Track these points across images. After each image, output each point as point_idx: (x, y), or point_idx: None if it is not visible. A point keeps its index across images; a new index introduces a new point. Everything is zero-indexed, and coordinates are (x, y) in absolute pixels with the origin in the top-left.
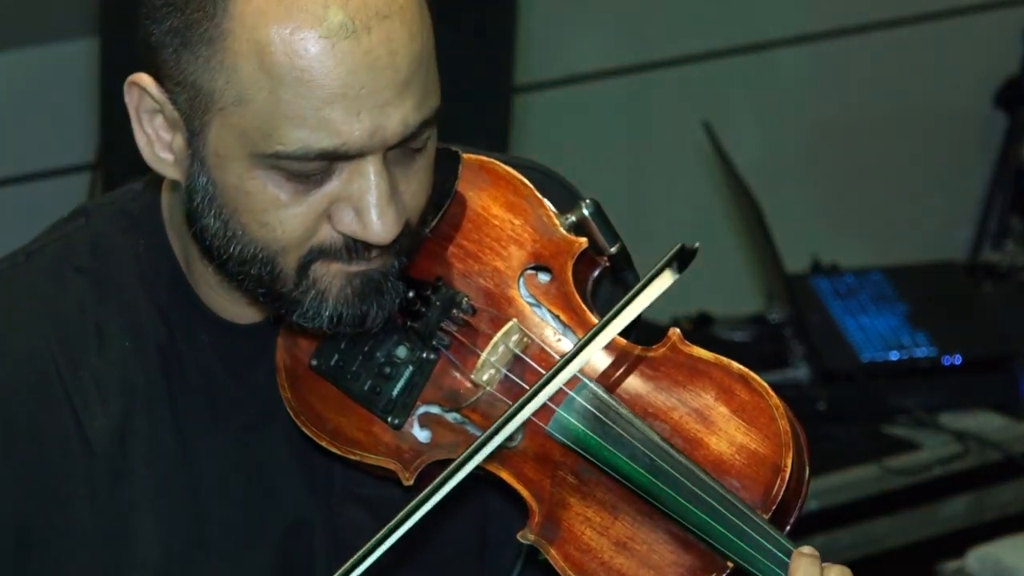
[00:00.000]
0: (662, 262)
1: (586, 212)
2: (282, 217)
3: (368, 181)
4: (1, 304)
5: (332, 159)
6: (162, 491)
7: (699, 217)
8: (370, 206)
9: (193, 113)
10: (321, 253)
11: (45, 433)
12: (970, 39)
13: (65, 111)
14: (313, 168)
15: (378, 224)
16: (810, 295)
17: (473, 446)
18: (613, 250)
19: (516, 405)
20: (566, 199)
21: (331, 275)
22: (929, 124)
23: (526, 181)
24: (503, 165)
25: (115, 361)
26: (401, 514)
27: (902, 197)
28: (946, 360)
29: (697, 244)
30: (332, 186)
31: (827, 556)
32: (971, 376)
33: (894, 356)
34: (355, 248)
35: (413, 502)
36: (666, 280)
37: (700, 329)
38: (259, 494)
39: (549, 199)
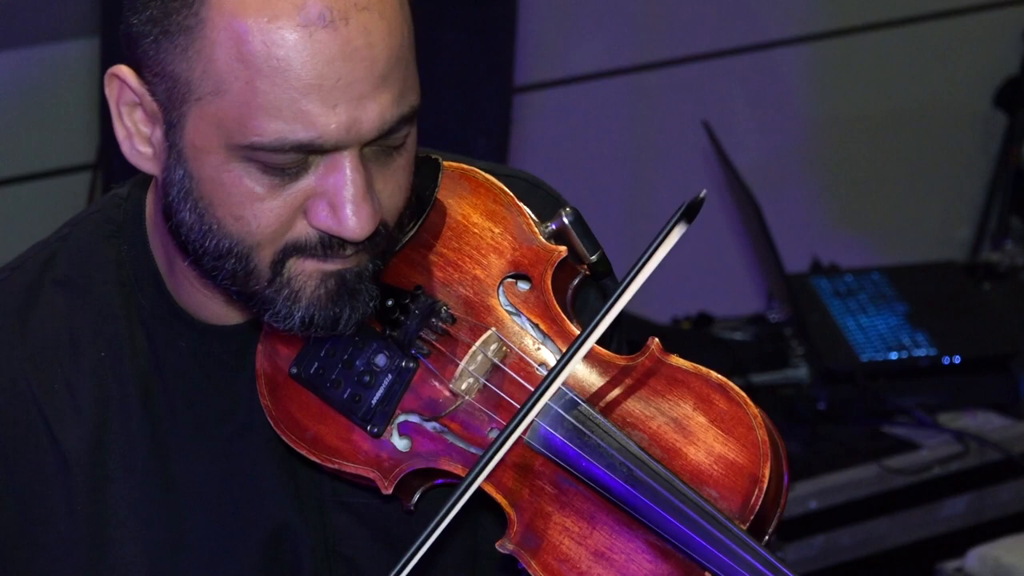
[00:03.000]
0: (673, 217)
1: (566, 220)
2: (257, 211)
3: (344, 176)
4: None
5: (308, 152)
6: (141, 497)
7: (699, 217)
8: (345, 201)
9: (171, 104)
10: (296, 249)
11: (19, 453)
12: (970, 39)
13: (65, 111)
14: (289, 161)
15: (353, 220)
16: (810, 295)
17: (486, 456)
18: (593, 258)
19: (531, 396)
20: (552, 209)
21: (306, 274)
22: (929, 124)
23: (506, 189)
24: (483, 173)
25: (89, 371)
26: (418, 542)
27: (902, 197)
28: (946, 360)
29: (703, 192)
30: (308, 180)
31: (827, 556)
32: (971, 376)
33: (894, 356)
34: (330, 245)
35: (426, 531)
36: (677, 234)
37: (700, 329)
38: (241, 499)
39: (534, 209)
